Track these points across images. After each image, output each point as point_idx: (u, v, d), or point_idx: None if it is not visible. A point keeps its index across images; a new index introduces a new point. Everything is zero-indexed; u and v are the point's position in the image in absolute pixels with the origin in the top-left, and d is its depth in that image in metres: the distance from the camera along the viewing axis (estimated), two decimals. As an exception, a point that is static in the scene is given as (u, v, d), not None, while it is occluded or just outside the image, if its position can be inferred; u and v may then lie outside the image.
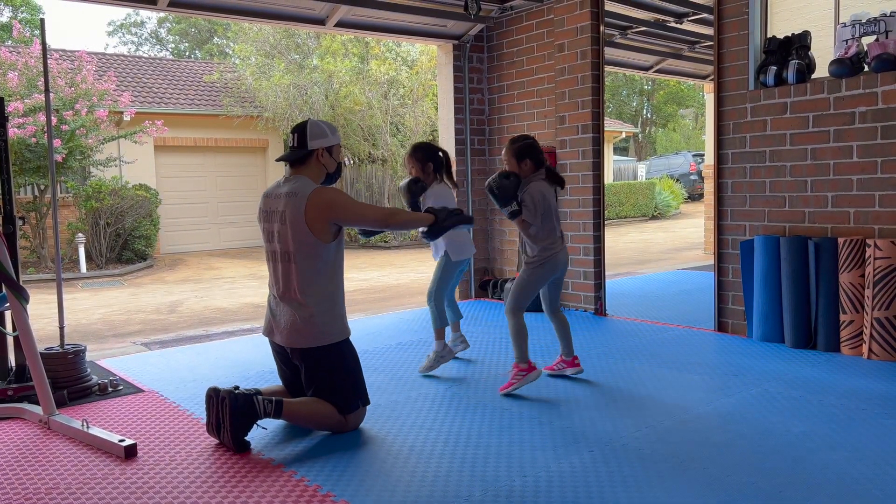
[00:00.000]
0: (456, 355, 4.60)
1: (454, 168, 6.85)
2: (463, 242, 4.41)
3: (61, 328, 4.15)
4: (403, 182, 4.31)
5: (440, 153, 4.39)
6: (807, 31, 4.72)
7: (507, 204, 3.71)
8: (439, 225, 3.39)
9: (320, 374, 3.21)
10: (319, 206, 3.12)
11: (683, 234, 15.42)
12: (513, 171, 3.75)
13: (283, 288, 3.23)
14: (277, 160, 3.41)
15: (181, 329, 6.90)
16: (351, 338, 3.33)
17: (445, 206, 4.21)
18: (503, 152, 3.87)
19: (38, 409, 3.56)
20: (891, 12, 4.29)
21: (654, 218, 20.16)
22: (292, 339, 3.20)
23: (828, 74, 4.51)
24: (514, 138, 3.86)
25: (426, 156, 4.33)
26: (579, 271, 6.10)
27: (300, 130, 3.27)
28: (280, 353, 3.38)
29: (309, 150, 3.25)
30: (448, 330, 4.49)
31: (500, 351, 4.77)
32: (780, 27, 4.94)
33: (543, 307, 4.08)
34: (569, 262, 3.95)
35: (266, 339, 3.44)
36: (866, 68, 4.39)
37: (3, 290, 3.53)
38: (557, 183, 3.88)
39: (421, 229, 3.45)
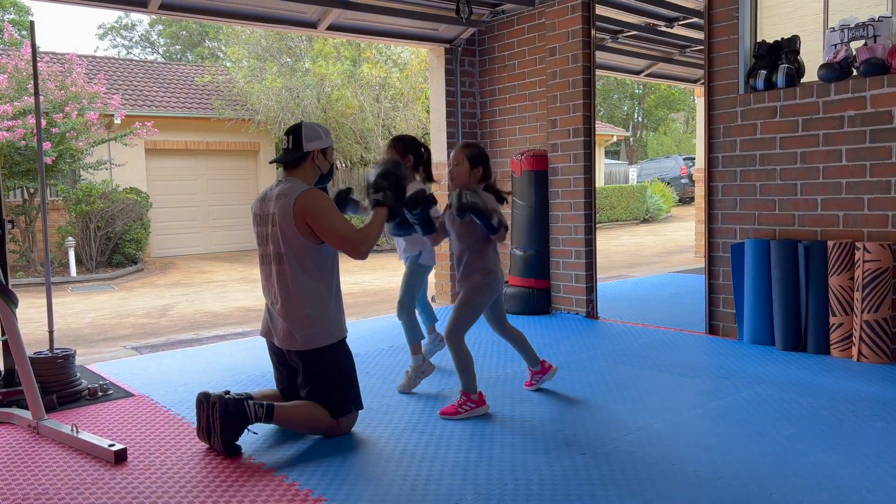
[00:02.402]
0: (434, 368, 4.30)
1: (444, 169, 6.85)
2: (432, 249, 4.18)
3: (51, 332, 4.12)
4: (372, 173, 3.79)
5: (422, 148, 4.09)
6: (796, 36, 4.75)
7: (491, 217, 3.35)
8: (395, 205, 3.28)
9: (316, 375, 3.21)
10: (302, 208, 3.12)
11: (674, 238, 15.47)
12: (473, 190, 3.44)
13: (277, 291, 3.22)
14: (272, 162, 3.41)
15: (172, 333, 6.86)
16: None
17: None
18: (453, 154, 3.55)
19: (27, 414, 3.53)
20: (879, 17, 4.33)
21: (645, 221, 20.24)
22: (289, 342, 3.20)
23: (817, 79, 4.54)
24: (470, 142, 3.59)
25: (406, 148, 4.04)
26: (571, 274, 6.12)
27: (295, 132, 3.27)
28: (277, 355, 3.37)
29: (305, 152, 3.25)
30: (425, 332, 4.36)
31: (491, 354, 4.77)
32: (770, 32, 4.97)
33: (492, 328, 3.80)
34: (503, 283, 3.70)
35: (259, 343, 3.43)
36: (855, 72, 4.42)
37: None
38: (500, 199, 3.58)
39: (388, 229, 3.40)
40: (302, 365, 3.23)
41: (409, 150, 4.04)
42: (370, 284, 10.17)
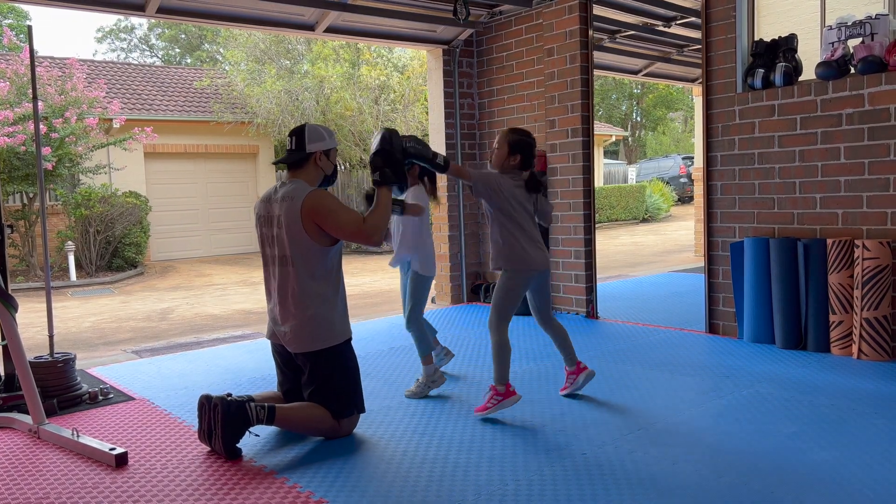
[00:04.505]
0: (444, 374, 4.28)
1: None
2: (432, 259, 4.10)
3: (51, 337, 4.12)
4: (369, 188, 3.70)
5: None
6: (793, 34, 4.76)
7: (428, 159, 3.37)
8: (396, 181, 3.30)
9: (321, 376, 3.21)
10: (311, 209, 3.13)
11: (674, 237, 15.47)
12: (415, 136, 3.45)
13: (282, 292, 3.22)
14: (274, 163, 3.42)
15: (172, 336, 6.86)
16: (343, 343, 3.33)
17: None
18: (498, 137, 3.61)
19: (27, 419, 3.53)
20: (876, 15, 4.33)
21: (644, 221, 20.24)
22: (295, 343, 3.21)
23: (815, 77, 4.55)
24: (519, 129, 3.64)
25: None
26: (570, 274, 6.12)
27: (298, 134, 3.28)
28: (282, 355, 3.38)
29: (307, 154, 3.26)
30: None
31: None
32: (767, 30, 4.97)
33: (534, 318, 3.80)
34: (549, 264, 3.69)
35: (259, 345, 3.43)
36: (852, 70, 4.43)
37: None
38: (535, 190, 3.64)
39: (395, 211, 3.45)
40: (308, 365, 3.23)
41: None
42: (370, 286, 10.17)
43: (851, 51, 4.42)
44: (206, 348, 5.56)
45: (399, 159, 3.31)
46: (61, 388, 3.91)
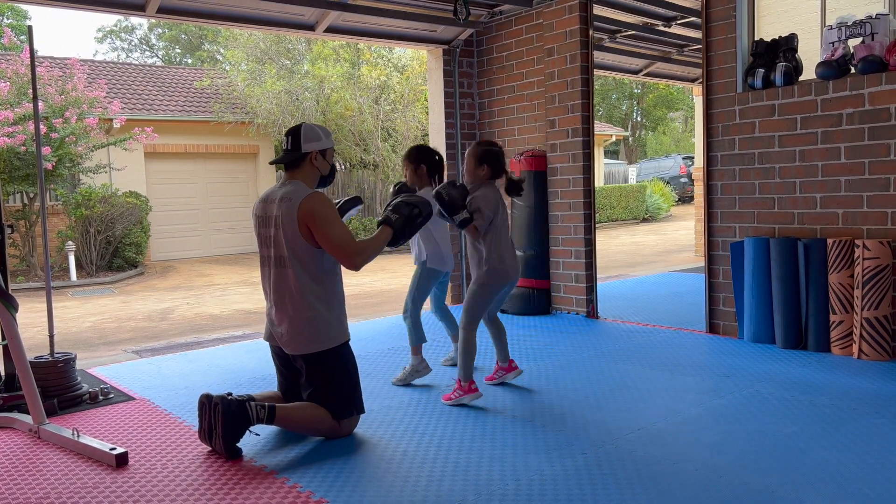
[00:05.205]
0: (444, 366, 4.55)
1: (445, 172, 6.85)
2: (444, 254, 4.31)
3: (51, 337, 4.12)
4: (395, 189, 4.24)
5: (436, 156, 4.28)
6: (794, 34, 4.76)
7: (456, 212, 3.60)
8: (400, 233, 3.33)
9: (319, 378, 3.21)
10: (307, 213, 3.12)
11: (674, 237, 15.48)
12: (462, 184, 3.70)
13: (279, 294, 3.22)
14: (271, 163, 3.42)
15: (172, 336, 6.87)
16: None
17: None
18: (467, 151, 3.84)
19: (28, 419, 3.53)
20: (876, 14, 4.33)
21: (645, 221, 20.24)
22: (292, 345, 3.20)
23: (815, 77, 4.55)
24: (482, 141, 3.86)
25: (420, 158, 4.24)
26: (571, 274, 6.12)
27: (294, 133, 3.27)
28: (281, 358, 3.38)
29: (303, 153, 3.25)
30: (450, 342, 4.58)
31: (492, 356, 4.76)
32: (768, 30, 4.97)
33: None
34: (518, 274, 3.90)
35: (259, 345, 3.43)
36: (853, 70, 4.42)
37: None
38: (515, 192, 3.85)
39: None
40: (305, 367, 3.23)
41: (423, 160, 4.24)
42: (371, 286, 10.18)
43: (852, 50, 4.41)
44: (206, 348, 5.57)
45: (419, 225, 3.39)
46: (62, 387, 3.91)
